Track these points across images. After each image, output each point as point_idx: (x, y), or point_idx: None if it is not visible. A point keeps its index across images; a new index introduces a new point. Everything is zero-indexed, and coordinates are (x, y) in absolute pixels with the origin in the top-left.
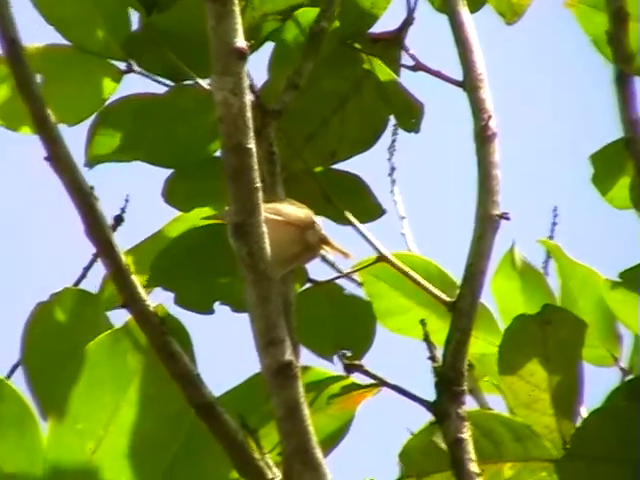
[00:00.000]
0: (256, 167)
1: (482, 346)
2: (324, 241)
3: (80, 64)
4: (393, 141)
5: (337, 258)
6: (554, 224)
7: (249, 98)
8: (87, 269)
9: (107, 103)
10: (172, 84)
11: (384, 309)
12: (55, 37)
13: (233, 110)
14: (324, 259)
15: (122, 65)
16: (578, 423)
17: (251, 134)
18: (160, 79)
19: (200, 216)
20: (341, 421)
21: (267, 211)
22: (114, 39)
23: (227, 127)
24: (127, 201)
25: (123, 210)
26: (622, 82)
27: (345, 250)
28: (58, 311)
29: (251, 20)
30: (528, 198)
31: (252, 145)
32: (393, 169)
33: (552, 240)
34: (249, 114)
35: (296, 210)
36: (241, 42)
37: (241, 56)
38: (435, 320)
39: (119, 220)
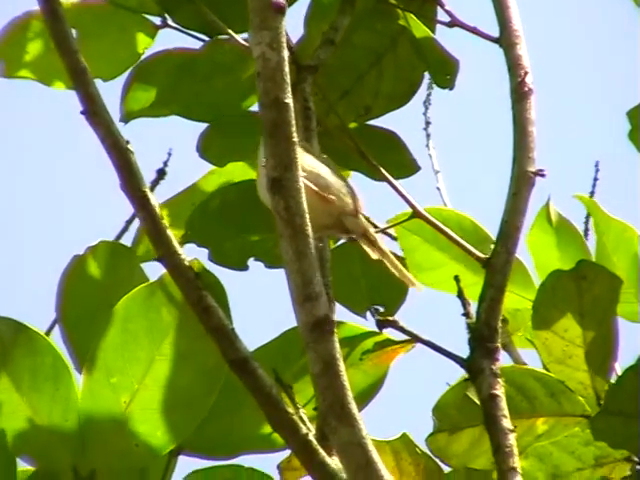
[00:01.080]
0: (293, 122)
1: (516, 301)
2: (366, 237)
3: (115, 19)
4: (428, 95)
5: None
6: (596, 179)
7: (286, 53)
8: (129, 222)
9: (142, 58)
10: (207, 39)
11: (418, 263)
12: None
13: (271, 65)
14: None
15: (157, 20)
16: (612, 379)
17: (289, 89)
18: (195, 34)
19: (235, 171)
20: (375, 377)
21: (314, 176)
22: None
23: (265, 82)
24: (170, 154)
25: (166, 163)
26: None
27: (390, 255)
28: (93, 264)
29: None
30: (568, 154)
31: (290, 100)
32: (428, 123)
33: (594, 195)
34: (287, 69)
35: (346, 191)
36: None
37: (279, 10)
38: (469, 275)
39: (162, 173)
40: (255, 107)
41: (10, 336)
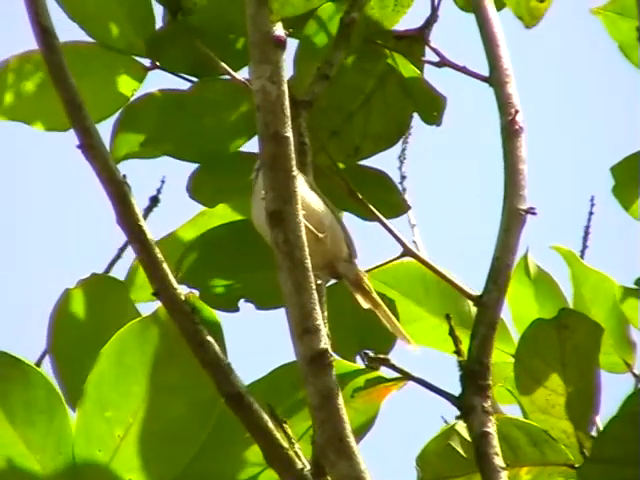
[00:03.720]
0: (293, 156)
1: (494, 354)
2: (360, 285)
3: (104, 61)
4: (409, 129)
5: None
6: (591, 213)
7: (286, 87)
8: (120, 253)
9: (131, 100)
10: (196, 80)
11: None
12: (79, 34)
13: (271, 98)
14: None
15: (146, 62)
16: (592, 430)
17: (289, 123)
18: (184, 75)
19: (225, 211)
20: (366, 414)
21: (315, 216)
22: (138, 36)
23: (265, 115)
24: (163, 182)
25: (159, 191)
26: None
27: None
28: (85, 297)
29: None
30: (560, 192)
31: (290, 134)
32: (402, 161)
33: (589, 230)
34: (287, 102)
35: (342, 236)
36: (280, 30)
37: (279, 44)
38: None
39: (155, 201)
40: (245, 147)
41: (4, 370)
